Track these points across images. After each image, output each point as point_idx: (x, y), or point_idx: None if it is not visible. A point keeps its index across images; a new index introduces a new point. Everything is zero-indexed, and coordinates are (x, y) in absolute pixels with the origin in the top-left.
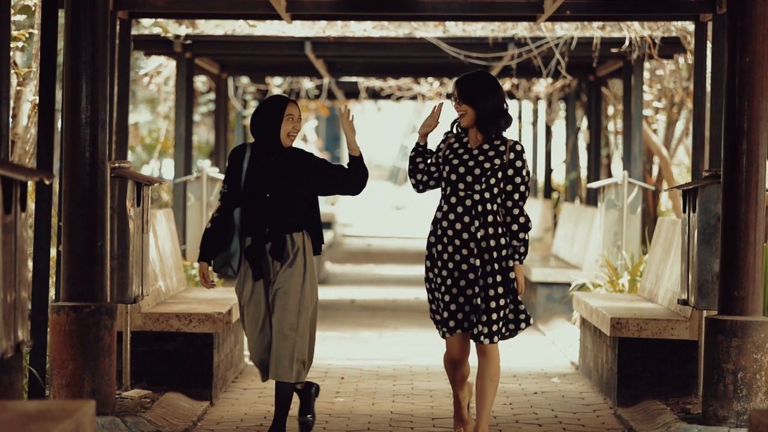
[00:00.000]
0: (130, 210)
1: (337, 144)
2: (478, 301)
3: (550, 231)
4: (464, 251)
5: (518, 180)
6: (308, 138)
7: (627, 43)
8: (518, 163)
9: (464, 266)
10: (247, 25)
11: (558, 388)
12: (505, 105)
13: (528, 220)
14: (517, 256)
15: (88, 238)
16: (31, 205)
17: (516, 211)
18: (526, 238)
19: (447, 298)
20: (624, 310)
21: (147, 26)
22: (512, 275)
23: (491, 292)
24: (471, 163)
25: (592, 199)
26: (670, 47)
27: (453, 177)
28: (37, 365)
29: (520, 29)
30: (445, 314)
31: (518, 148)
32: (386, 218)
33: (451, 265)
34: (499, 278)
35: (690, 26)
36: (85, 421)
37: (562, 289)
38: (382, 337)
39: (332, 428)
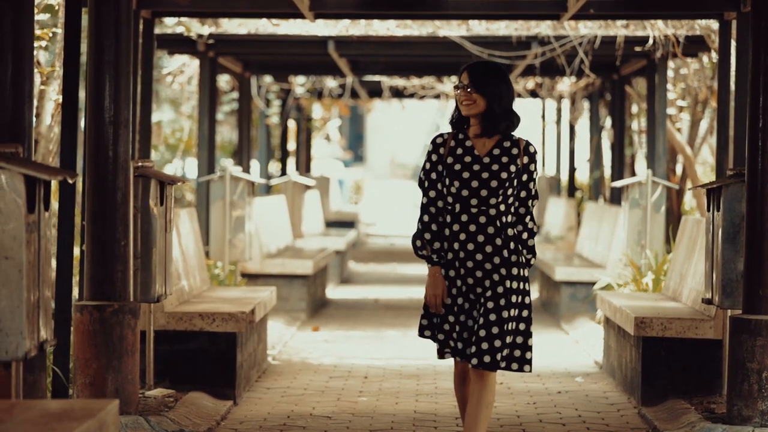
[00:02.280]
0: (154, 209)
1: (360, 143)
2: (482, 320)
3: (573, 230)
4: (478, 273)
5: (532, 184)
6: (331, 137)
7: (651, 41)
8: (532, 167)
9: (479, 290)
10: (270, 24)
11: (582, 387)
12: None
13: (535, 223)
14: (525, 272)
15: (112, 238)
16: (55, 204)
17: (527, 218)
18: (534, 243)
19: (452, 321)
20: (648, 309)
21: (170, 25)
22: (527, 299)
23: (502, 314)
24: (485, 175)
25: (615, 198)
26: (694, 46)
27: (465, 193)
28: (60, 364)
29: (544, 28)
30: (452, 343)
31: (532, 149)
32: (410, 217)
33: (464, 288)
34: (513, 299)
35: (714, 24)
36: (108, 420)
37: (585, 288)
38: (406, 336)
39: (355, 428)
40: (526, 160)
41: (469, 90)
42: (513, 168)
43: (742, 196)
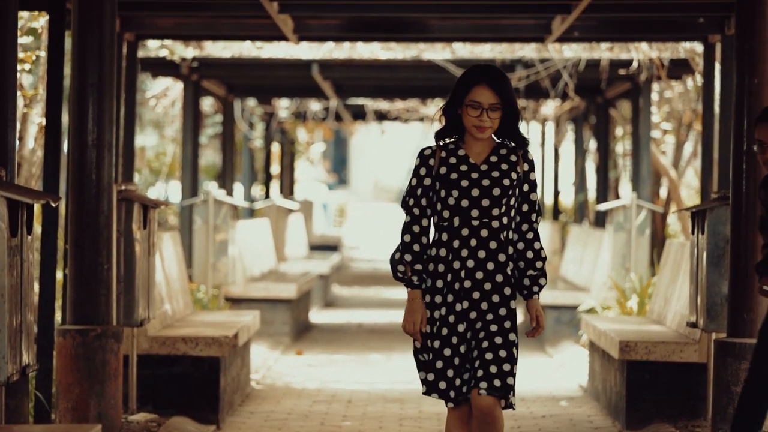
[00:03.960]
0: (137, 233)
1: (343, 166)
2: (487, 344)
3: (558, 253)
4: (475, 295)
5: (534, 197)
6: (315, 160)
7: (635, 64)
8: (532, 176)
9: (473, 314)
10: (254, 47)
11: (566, 411)
12: None
13: (542, 245)
14: (536, 289)
15: (95, 261)
16: (38, 228)
17: (531, 235)
18: (544, 266)
19: (447, 353)
20: (632, 332)
21: (154, 49)
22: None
23: (509, 337)
24: (486, 182)
25: (600, 221)
26: (678, 68)
27: (465, 203)
28: (43, 389)
29: (528, 51)
30: (442, 384)
31: (530, 157)
32: (394, 241)
33: (455, 316)
34: (509, 324)
35: (698, 47)
36: None
37: (570, 311)
38: (390, 360)
39: None
40: (526, 167)
41: (495, 109)
42: (514, 176)
43: (726, 219)
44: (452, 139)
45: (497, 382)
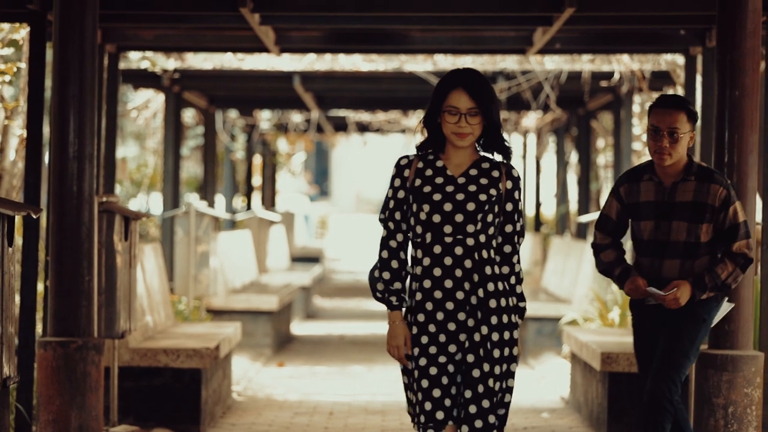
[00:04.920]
0: (118, 244)
1: (325, 178)
2: (467, 378)
3: (539, 265)
4: (460, 316)
5: (517, 217)
6: (296, 172)
7: (617, 76)
8: (517, 194)
9: (462, 337)
10: (235, 58)
11: (548, 423)
12: None
13: (521, 268)
14: (515, 317)
15: (76, 273)
16: (19, 240)
17: (515, 259)
18: (522, 291)
19: (429, 380)
20: (614, 344)
21: (135, 60)
22: (515, 351)
23: (494, 370)
24: (460, 197)
25: (581, 233)
26: (660, 80)
27: (436, 218)
28: (23, 401)
29: (510, 62)
30: (428, 405)
31: (515, 174)
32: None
33: (442, 337)
34: (505, 352)
35: (680, 59)
36: None
37: (551, 323)
38: (372, 371)
39: None
40: (509, 185)
41: (473, 114)
42: (494, 192)
43: None
44: (431, 150)
45: (478, 423)
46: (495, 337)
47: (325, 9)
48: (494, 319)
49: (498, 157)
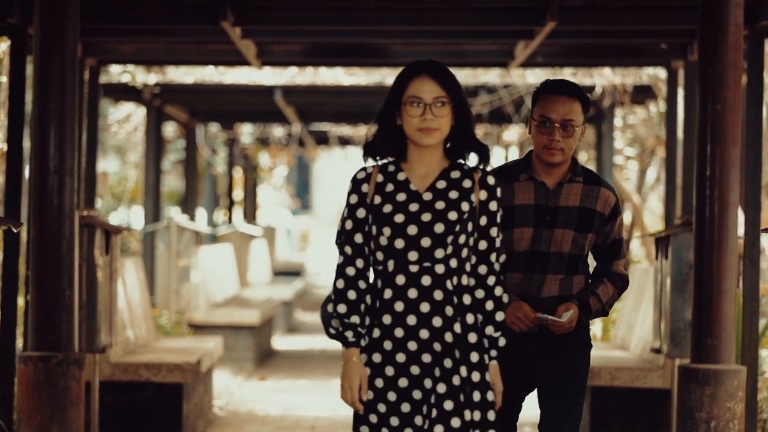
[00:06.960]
0: (99, 258)
1: (306, 191)
2: (442, 429)
3: None
4: (425, 358)
5: (494, 232)
6: (278, 186)
7: (598, 90)
8: (493, 205)
9: (428, 382)
10: (216, 72)
11: None
12: None
13: (505, 290)
14: (494, 353)
15: (56, 287)
16: None
17: (492, 281)
18: (503, 319)
19: (395, 424)
20: (596, 358)
21: (116, 74)
22: (490, 396)
23: (465, 417)
24: (426, 217)
25: None
26: (641, 94)
27: (399, 244)
28: (4, 416)
29: (492, 76)
30: None
31: (491, 181)
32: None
33: (403, 382)
34: (475, 396)
35: (662, 73)
36: None
37: None
38: None
39: None
40: (483, 195)
41: (441, 103)
42: (465, 206)
43: (690, 244)
44: (392, 159)
45: None
46: (476, 377)
47: (307, 23)
48: (471, 356)
49: (473, 161)
